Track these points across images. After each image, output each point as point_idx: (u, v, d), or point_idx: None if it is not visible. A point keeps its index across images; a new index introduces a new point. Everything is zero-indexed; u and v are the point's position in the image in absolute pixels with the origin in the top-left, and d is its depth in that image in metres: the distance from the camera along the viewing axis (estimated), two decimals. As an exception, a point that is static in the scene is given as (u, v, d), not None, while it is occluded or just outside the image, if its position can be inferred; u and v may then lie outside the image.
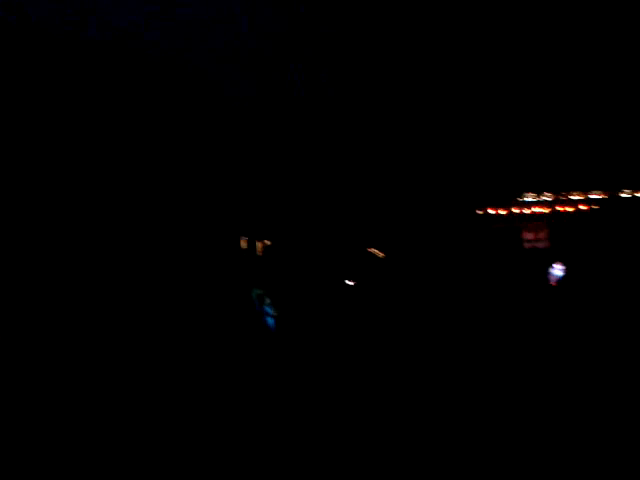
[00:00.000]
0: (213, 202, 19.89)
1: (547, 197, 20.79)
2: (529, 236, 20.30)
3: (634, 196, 20.35)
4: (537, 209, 20.73)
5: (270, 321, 13.06)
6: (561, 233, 20.07)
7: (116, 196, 18.44)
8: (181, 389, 8.54)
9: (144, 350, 10.73)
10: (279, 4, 20.17)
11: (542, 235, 20.33)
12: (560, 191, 20.79)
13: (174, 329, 12.33)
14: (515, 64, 20.11)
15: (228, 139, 20.50)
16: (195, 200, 19.57)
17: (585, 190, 20.72)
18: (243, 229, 20.55)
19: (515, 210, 20.77)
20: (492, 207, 20.82)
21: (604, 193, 20.61)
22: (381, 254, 19.56)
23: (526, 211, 20.72)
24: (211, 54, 20.54)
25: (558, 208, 20.75)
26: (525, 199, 20.81)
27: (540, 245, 20.04)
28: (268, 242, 20.34)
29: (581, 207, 20.71)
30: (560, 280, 17.45)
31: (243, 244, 20.54)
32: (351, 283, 18.18)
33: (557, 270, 17.75)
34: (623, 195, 20.49)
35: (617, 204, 20.33)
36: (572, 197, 20.82)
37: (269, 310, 13.09)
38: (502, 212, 20.82)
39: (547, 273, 17.73)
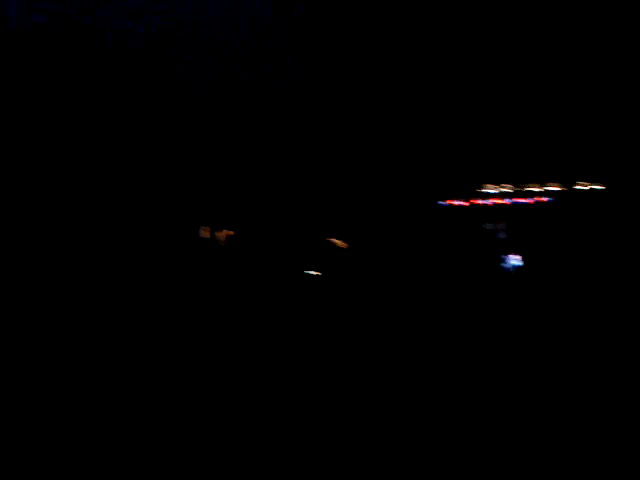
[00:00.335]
0: (174, 191, 19.66)
1: (506, 189, 21.12)
2: (488, 227, 20.62)
3: (591, 188, 20.82)
4: (496, 200, 21.05)
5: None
6: (519, 224, 20.46)
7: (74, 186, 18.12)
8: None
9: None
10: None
11: (501, 226, 20.67)
12: (519, 183, 21.13)
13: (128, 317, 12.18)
14: (473, 57, 20.33)
15: (188, 128, 20.26)
16: (155, 189, 19.32)
17: (543, 182, 21.11)
18: (204, 218, 20.34)
19: (475, 201, 21.06)
20: (452, 198, 21.07)
21: (561, 185, 21.04)
22: (342, 244, 19.63)
23: (485, 202, 21.02)
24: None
25: (517, 200, 21.11)
26: (485, 190, 21.11)
27: (498, 236, 20.39)
28: (231, 232, 20.19)
29: (539, 199, 21.11)
30: (517, 270, 17.82)
31: (204, 234, 20.33)
32: (313, 273, 18.20)
33: (514, 260, 18.13)
34: (579, 187, 20.95)
35: (574, 196, 20.79)
36: (530, 189, 21.19)
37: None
38: (462, 203, 21.08)
39: (505, 263, 18.08)
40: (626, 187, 19.38)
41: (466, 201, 21.05)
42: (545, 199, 20.91)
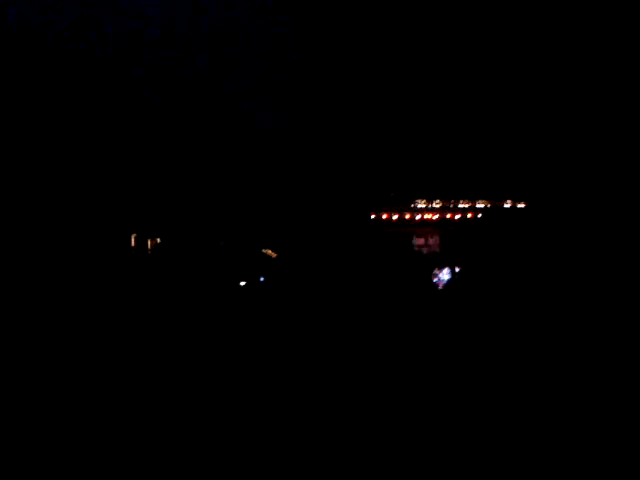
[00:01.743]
0: (105, 200, 19.05)
1: (437, 204, 21.63)
2: (419, 241, 21.01)
3: (514, 207, 21.63)
4: (427, 215, 21.51)
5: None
6: (449, 239, 20.95)
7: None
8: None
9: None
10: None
11: (431, 241, 21.11)
12: (449, 199, 21.69)
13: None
14: (411, 72, 20.81)
15: (128, 136, 19.70)
16: (90, 198, 18.73)
17: (472, 199, 21.76)
18: (135, 227, 19.73)
19: (407, 215, 21.44)
20: (385, 211, 21.36)
21: (489, 202, 21.76)
22: (274, 254, 19.46)
23: (417, 217, 21.44)
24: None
25: (447, 215, 21.64)
26: (416, 205, 21.53)
27: (429, 250, 20.81)
28: (158, 240, 19.63)
29: (468, 215, 21.73)
30: (446, 284, 18.18)
31: (133, 242, 19.70)
32: (243, 283, 17.92)
33: (444, 274, 18.49)
34: (506, 205, 21.74)
35: (500, 213, 21.52)
36: (460, 205, 21.79)
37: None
38: (394, 216, 21.42)
39: (435, 276, 18.41)
40: (547, 205, 20.24)
41: (398, 215, 21.41)
42: (473, 215, 21.56)
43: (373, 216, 21.34)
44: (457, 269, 18.01)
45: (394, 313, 13.95)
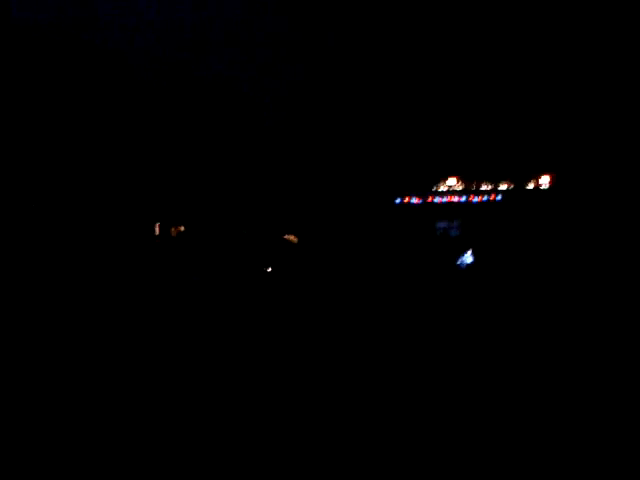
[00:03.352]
0: (128, 189, 19.27)
1: (459, 187, 21.46)
2: (442, 225, 20.91)
3: (537, 188, 21.36)
4: (450, 198, 21.37)
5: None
6: (472, 222, 20.81)
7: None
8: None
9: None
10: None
11: (454, 224, 20.99)
12: (472, 181, 21.51)
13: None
14: (427, 57, 20.59)
15: (142, 124, 19.85)
16: (110, 188, 18.97)
17: (494, 181, 21.54)
18: (157, 215, 19.96)
19: (429, 199, 21.32)
20: (407, 195, 21.27)
21: (512, 184, 21.52)
22: (295, 240, 19.55)
23: (439, 200, 21.31)
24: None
25: (470, 198, 21.47)
26: (439, 188, 21.40)
27: (452, 233, 20.70)
28: (182, 228, 19.85)
29: (491, 197, 21.53)
30: (470, 266, 18.12)
31: (157, 230, 19.94)
32: (268, 269, 18.06)
33: (467, 257, 18.42)
34: (529, 187, 21.49)
35: (523, 195, 21.29)
36: (482, 187, 21.59)
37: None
38: (417, 200, 21.32)
39: (458, 259, 18.35)
40: (572, 186, 19.97)
41: (421, 199, 21.30)
42: (496, 197, 21.35)
43: (396, 201, 21.27)
44: (479, 252, 17.92)
45: (417, 296, 13.97)
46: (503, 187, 21.43)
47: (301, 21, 20.50)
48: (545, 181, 20.94)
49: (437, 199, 21.39)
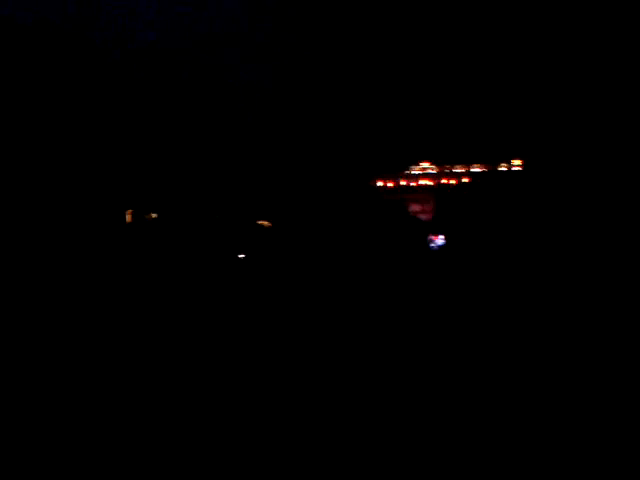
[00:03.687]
0: (100, 176, 19.02)
1: (432, 170, 21.54)
2: (415, 207, 20.99)
3: (510, 169, 21.53)
4: (423, 181, 21.44)
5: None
6: (445, 204, 20.93)
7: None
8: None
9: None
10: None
11: (427, 207, 21.09)
12: (444, 164, 21.60)
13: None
14: (399, 44, 20.55)
15: (112, 111, 19.55)
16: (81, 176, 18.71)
17: (467, 163, 21.66)
18: (129, 202, 19.72)
19: (402, 182, 21.38)
20: (380, 179, 21.30)
21: (484, 166, 21.66)
22: (268, 224, 19.48)
23: (412, 183, 21.38)
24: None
25: (442, 180, 21.57)
26: (412, 171, 21.45)
27: (425, 216, 20.81)
28: (155, 215, 19.64)
29: (463, 180, 21.66)
30: (441, 248, 18.27)
31: (129, 217, 19.70)
32: (241, 256, 18.00)
33: (439, 239, 18.57)
34: (501, 168, 21.64)
35: (495, 177, 21.44)
36: (455, 170, 21.70)
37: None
38: (390, 184, 21.36)
39: (430, 242, 18.49)
40: (543, 167, 20.16)
41: (393, 182, 21.34)
42: (468, 179, 21.48)
43: (369, 184, 21.30)
44: (451, 234, 18.07)
45: (390, 279, 14.04)
46: (476, 169, 21.57)
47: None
48: (517, 163, 21.13)
49: (410, 182, 21.47)
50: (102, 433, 5.91)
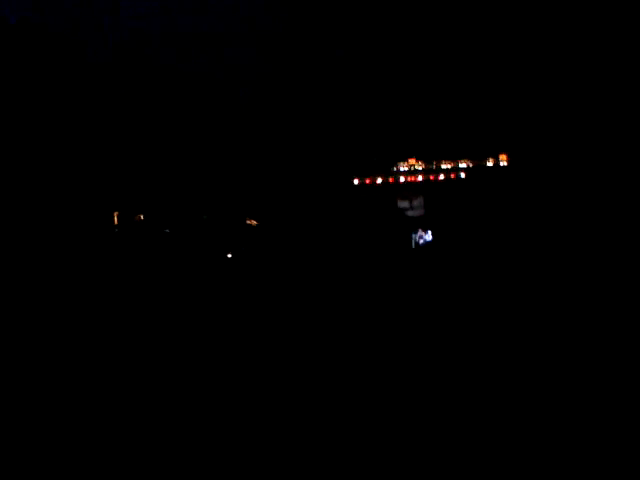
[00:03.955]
0: (86, 178, 18.92)
1: (419, 166, 21.57)
2: (403, 204, 21.02)
3: (497, 165, 21.62)
4: (410, 178, 21.47)
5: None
6: (433, 201, 20.98)
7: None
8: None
9: None
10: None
11: (415, 203, 21.12)
12: (431, 160, 21.64)
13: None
14: (385, 42, 20.58)
15: (98, 111, 19.45)
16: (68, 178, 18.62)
17: (454, 159, 21.71)
18: (116, 204, 19.61)
19: (389, 179, 21.39)
20: (367, 176, 21.30)
21: (471, 162, 21.72)
22: (256, 223, 19.45)
23: (400, 180, 21.40)
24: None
25: (430, 177, 21.61)
26: (399, 168, 21.47)
27: (413, 213, 20.84)
28: (141, 216, 19.54)
29: (451, 175, 21.70)
30: (429, 244, 18.32)
31: (116, 219, 19.60)
32: (230, 255, 17.97)
33: (428, 236, 18.61)
34: (488, 164, 21.72)
35: (483, 172, 21.52)
36: (443, 166, 21.74)
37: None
38: (377, 181, 21.37)
39: (419, 238, 18.53)
40: (530, 162, 20.26)
41: (381, 179, 21.35)
42: (455, 175, 21.53)
43: (356, 181, 21.29)
44: (439, 230, 18.11)
45: (379, 275, 14.09)
46: (463, 165, 21.62)
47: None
48: (503, 158, 21.20)
49: (397, 179, 21.48)
50: (100, 433, 5.91)
